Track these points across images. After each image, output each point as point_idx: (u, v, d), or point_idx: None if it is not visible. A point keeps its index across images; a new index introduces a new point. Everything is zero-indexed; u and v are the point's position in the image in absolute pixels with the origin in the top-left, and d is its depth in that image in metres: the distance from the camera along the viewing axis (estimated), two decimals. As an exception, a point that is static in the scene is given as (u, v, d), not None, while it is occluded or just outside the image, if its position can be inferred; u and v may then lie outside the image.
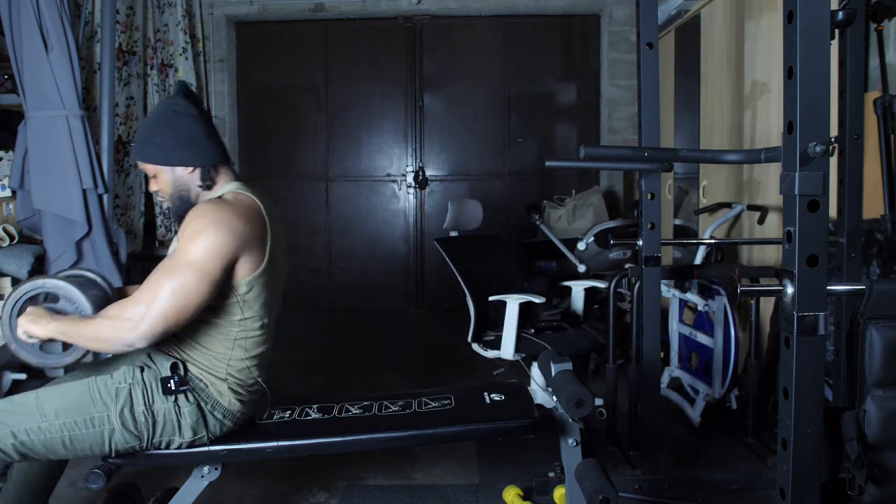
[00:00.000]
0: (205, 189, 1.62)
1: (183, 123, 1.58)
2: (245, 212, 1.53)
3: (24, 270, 2.87)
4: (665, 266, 2.35)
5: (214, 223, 1.46)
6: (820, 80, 0.92)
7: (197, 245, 1.44)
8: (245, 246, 1.50)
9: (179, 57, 4.57)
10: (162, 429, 1.54)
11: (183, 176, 1.60)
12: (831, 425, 1.22)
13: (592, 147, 2.09)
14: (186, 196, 1.61)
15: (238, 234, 1.48)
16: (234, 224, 1.48)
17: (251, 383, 1.64)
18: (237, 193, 1.59)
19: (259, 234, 1.54)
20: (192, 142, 1.58)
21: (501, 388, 1.86)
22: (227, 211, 1.49)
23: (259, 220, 1.55)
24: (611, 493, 1.44)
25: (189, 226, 1.47)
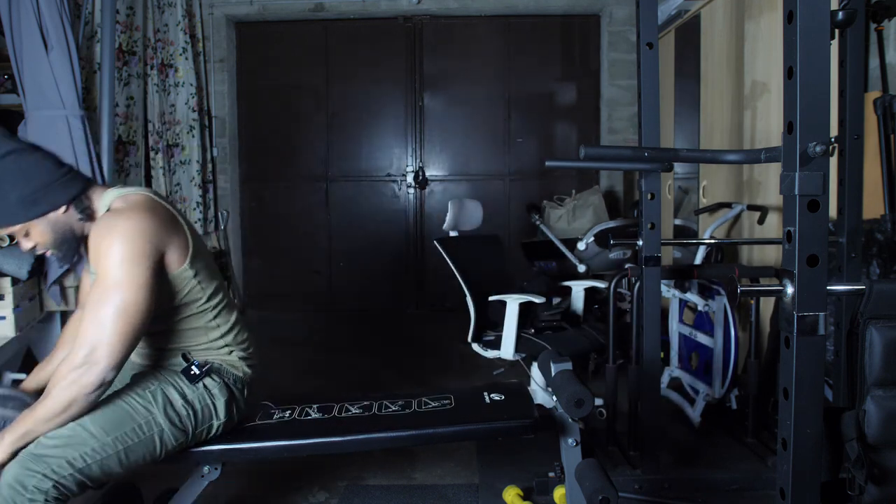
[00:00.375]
0: (87, 219, 1.52)
1: (27, 165, 1.45)
2: (142, 208, 1.46)
3: (24, 270, 2.87)
4: (665, 266, 2.35)
5: (120, 234, 1.40)
6: (820, 80, 0.92)
7: (113, 262, 1.39)
8: (162, 239, 1.46)
9: (179, 57, 4.57)
10: (202, 415, 1.58)
11: (59, 219, 1.48)
12: (831, 425, 1.22)
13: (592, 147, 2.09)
14: (72, 236, 1.51)
15: (149, 232, 1.43)
16: (140, 225, 1.42)
17: (247, 345, 1.70)
18: (123, 197, 1.51)
19: (168, 220, 1.49)
20: (49, 179, 1.46)
21: (501, 388, 1.86)
22: (125, 217, 1.43)
23: (158, 207, 1.49)
24: (611, 493, 1.44)
25: (97, 249, 1.41)
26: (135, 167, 4.29)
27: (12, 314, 2.86)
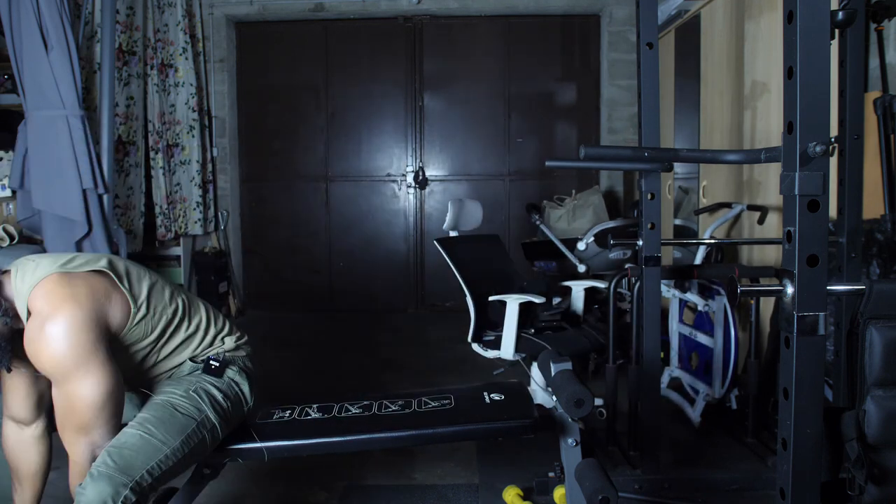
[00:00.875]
0: (11, 317, 1.42)
1: None
2: (64, 298, 1.37)
3: (24, 270, 2.87)
4: (665, 266, 2.35)
5: (50, 324, 1.34)
6: (820, 80, 0.92)
7: (57, 351, 1.34)
8: (98, 315, 1.40)
9: (179, 57, 4.58)
10: (237, 402, 1.64)
11: None
12: (831, 425, 1.22)
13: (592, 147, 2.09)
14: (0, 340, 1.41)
15: (83, 321, 1.36)
16: (72, 322, 1.35)
17: (228, 324, 1.76)
18: (37, 287, 1.39)
19: (90, 289, 1.41)
20: None
21: (501, 388, 1.86)
22: (52, 323, 1.35)
23: (76, 282, 1.40)
24: (611, 493, 1.44)
25: (44, 365, 1.37)
26: (135, 167, 4.29)
27: (12, 314, 2.85)
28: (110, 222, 3.20)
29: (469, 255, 3.04)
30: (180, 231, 4.65)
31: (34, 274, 1.41)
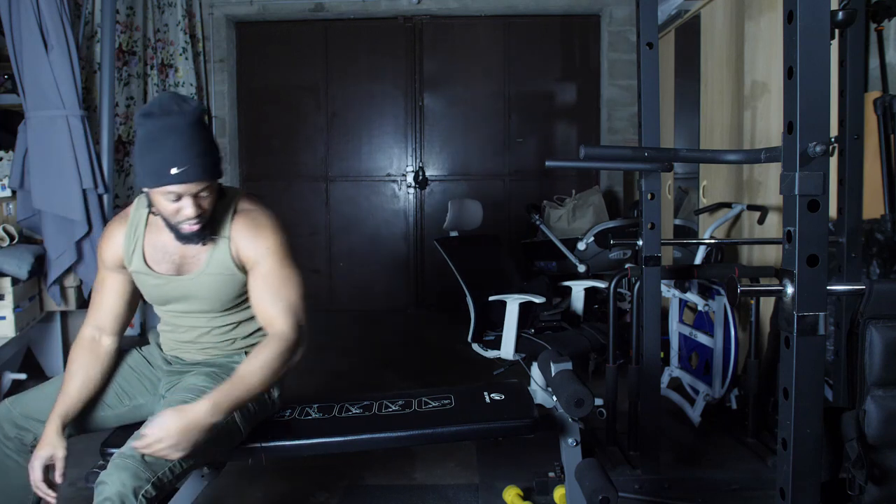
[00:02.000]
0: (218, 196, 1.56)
1: (208, 127, 1.50)
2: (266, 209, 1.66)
3: (25, 270, 2.87)
4: (665, 266, 2.35)
5: (278, 230, 1.61)
6: (820, 80, 0.92)
7: (283, 252, 1.58)
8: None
9: (179, 57, 4.58)
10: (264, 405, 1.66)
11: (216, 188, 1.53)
12: (831, 425, 1.22)
13: (592, 147, 2.10)
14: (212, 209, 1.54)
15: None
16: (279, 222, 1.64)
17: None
18: (244, 196, 1.65)
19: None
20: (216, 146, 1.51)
21: (501, 388, 1.86)
22: (269, 216, 1.62)
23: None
24: (611, 493, 1.44)
25: (261, 243, 1.56)
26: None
27: (12, 314, 2.86)
28: (110, 222, 3.20)
29: (469, 255, 3.04)
30: (180, 231, 4.64)
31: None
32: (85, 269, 3.10)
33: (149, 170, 1.42)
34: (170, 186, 1.41)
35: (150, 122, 1.41)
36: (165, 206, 1.46)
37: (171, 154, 1.40)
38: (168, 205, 1.45)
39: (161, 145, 1.40)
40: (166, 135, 1.40)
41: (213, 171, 1.46)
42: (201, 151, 1.42)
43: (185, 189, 1.43)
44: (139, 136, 1.45)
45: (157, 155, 1.40)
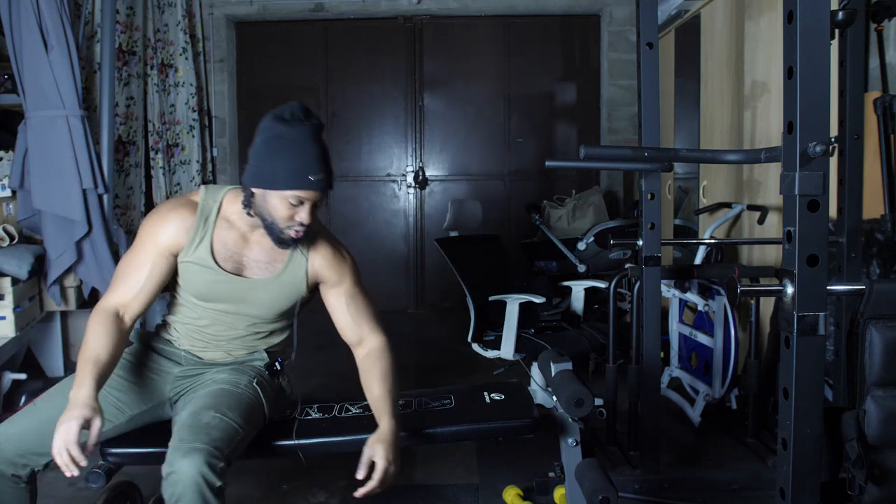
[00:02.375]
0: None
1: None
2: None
3: (25, 270, 2.87)
4: (665, 266, 2.35)
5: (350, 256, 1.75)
6: (820, 80, 0.92)
7: (358, 273, 1.72)
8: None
9: (179, 57, 4.58)
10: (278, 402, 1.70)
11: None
12: (831, 425, 1.22)
13: (592, 147, 2.10)
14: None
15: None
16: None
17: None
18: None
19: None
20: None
21: (501, 388, 1.86)
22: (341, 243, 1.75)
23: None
24: (611, 493, 1.44)
25: (345, 264, 1.68)
26: (135, 167, 4.29)
27: (12, 314, 2.86)
28: (110, 222, 3.20)
29: (469, 254, 3.04)
30: (180, 231, 4.64)
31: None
32: (85, 269, 3.10)
33: (283, 172, 1.43)
34: (300, 192, 1.44)
35: (286, 126, 1.43)
36: (280, 209, 1.46)
37: (311, 160, 1.43)
38: (285, 209, 1.46)
39: (300, 150, 1.42)
40: (305, 140, 1.43)
41: (333, 184, 1.53)
42: (330, 163, 1.49)
43: (311, 196, 1.46)
44: (268, 137, 1.45)
45: (296, 159, 1.42)
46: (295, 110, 1.45)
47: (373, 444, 1.48)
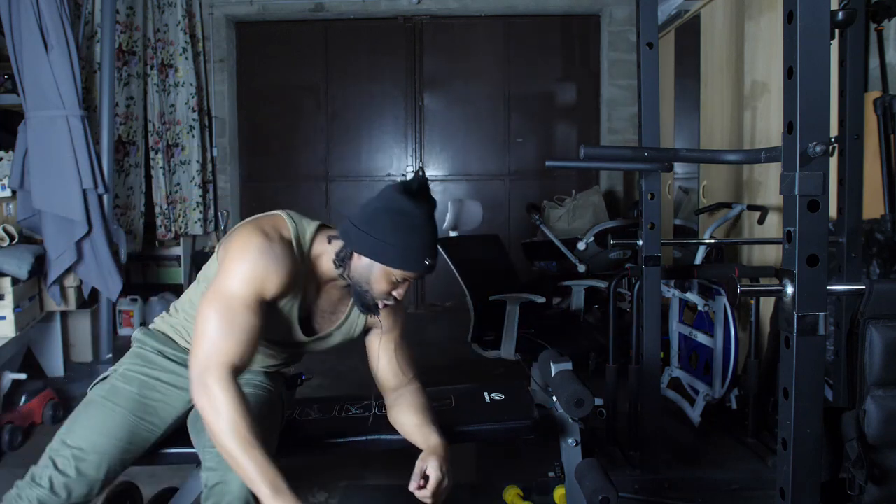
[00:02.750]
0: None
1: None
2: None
3: (24, 270, 2.87)
4: (665, 266, 2.35)
5: None
6: (820, 80, 0.92)
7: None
8: None
9: (179, 57, 4.58)
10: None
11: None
12: (831, 425, 1.21)
13: (592, 147, 2.10)
14: None
15: None
16: None
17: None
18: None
19: None
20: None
21: (501, 388, 1.86)
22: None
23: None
24: (611, 493, 1.44)
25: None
26: (135, 167, 4.29)
27: (12, 314, 2.86)
28: (110, 222, 3.20)
29: (469, 255, 3.04)
30: (180, 231, 4.65)
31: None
32: (85, 269, 3.10)
33: (401, 252, 1.37)
34: (411, 273, 1.40)
35: (413, 203, 1.37)
36: (382, 283, 1.41)
37: (429, 244, 1.39)
38: (386, 284, 1.41)
39: (421, 232, 1.38)
40: (426, 222, 1.39)
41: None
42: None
43: (415, 277, 1.43)
44: (393, 210, 1.37)
45: (415, 240, 1.37)
46: (422, 186, 1.41)
47: (426, 457, 1.48)
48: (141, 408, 1.46)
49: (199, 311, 1.33)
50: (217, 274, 1.36)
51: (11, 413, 2.67)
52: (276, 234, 1.38)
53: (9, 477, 2.41)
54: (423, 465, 1.47)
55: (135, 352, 1.55)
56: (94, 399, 1.46)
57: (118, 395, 1.46)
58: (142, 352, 1.54)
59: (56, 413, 2.89)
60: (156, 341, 1.55)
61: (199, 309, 1.33)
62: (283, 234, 1.39)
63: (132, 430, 1.44)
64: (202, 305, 1.33)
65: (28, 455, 2.57)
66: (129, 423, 1.44)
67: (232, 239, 1.37)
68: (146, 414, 1.47)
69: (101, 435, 1.41)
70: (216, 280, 1.34)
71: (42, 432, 2.80)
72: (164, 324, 1.60)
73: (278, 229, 1.39)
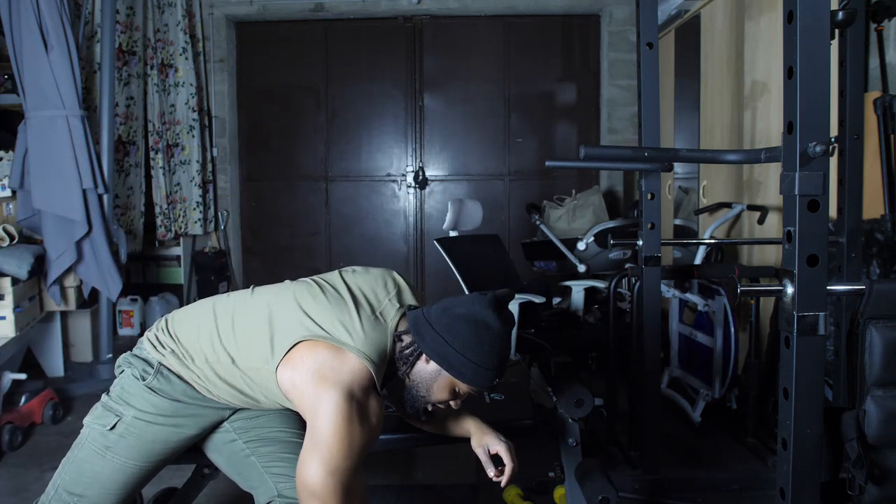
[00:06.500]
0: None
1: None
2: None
3: (24, 270, 2.87)
4: (665, 266, 2.35)
5: None
6: (820, 80, 0.92)
7: None
8: None
9: (179, 57, 4.58)
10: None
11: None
12: (831, 425, 1.21)
13: (592, 147, 2.10)
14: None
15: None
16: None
17: None
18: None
19: None
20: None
21: (501, 388, 1.86)
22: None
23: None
24: (611, 493, 1.44)
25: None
26: (135, 167, 4.29)
27: (12, 314, 2.86)
28: (110, 222, 3.21)
29: (469, 255, 3.04)
30: (180, 231, 4.65)
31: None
32: (85, 269, 3.10)
33: (476, 369, 1.32)
34: (476, 388, 1.36)
35: (499, 321, 1.32)
36: (444, 393, 1.37)
37: (502, 364, 1.35)
38: (448, 394, 1.38)
39: (499, 353, 1.33)
40: (504, 343, 1.34)
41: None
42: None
43: (476, 392, 1.38)
44: (479, 324, 1.32)
45: (492, 360, 1.32)
46: (508, 306, 1.37)
47: (479, 440, 1.49)
48: (158, 455, 1.41)
49: (310, 485, 1.25)
50: (314, 443, 1.26)
51: (11, 413, 2.67)
52: (363, 390, 1.29)
53: (9, 477, 2.42)
54: (484, 447, 1.48)
55: (143, 395, 1.38)
56: (103, 452, 1.37)
57: (132, 450, 1.37)
58: (155, 398, 1.38)
59: (56, 413, 2.89)
60: (172, 388, 1.39)
61: (309, 483, 1.25)
62: (366, 387, 1.30)
63: (148, 476, 1.42)
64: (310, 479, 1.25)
65: (28, 455, 2.58)
66: (145, 472, 1.41)
67: (322, 403, 1.25)
68: (163, 457, 1.42)
69: (115, 493, 1.38)
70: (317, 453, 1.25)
71: (42, 432, 2.80)
72: (178, 365, 1.40)
73: (363, 385, 1.29)
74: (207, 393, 1.41)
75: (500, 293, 1.36)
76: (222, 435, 1.50)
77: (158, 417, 1.37)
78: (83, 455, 1.38)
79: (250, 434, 1.49)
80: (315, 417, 1.26)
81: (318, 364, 1.27)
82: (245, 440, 1.49)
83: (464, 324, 1.31)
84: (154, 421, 1.37)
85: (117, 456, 1.36)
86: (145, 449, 1.37)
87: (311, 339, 1.30)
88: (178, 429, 1.40)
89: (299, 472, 1.27)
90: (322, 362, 1.28)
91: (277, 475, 1.45)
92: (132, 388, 1.38)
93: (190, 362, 1.39)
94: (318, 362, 1.28)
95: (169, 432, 1.39)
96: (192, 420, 1.42)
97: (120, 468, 1.36)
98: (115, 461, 1.36)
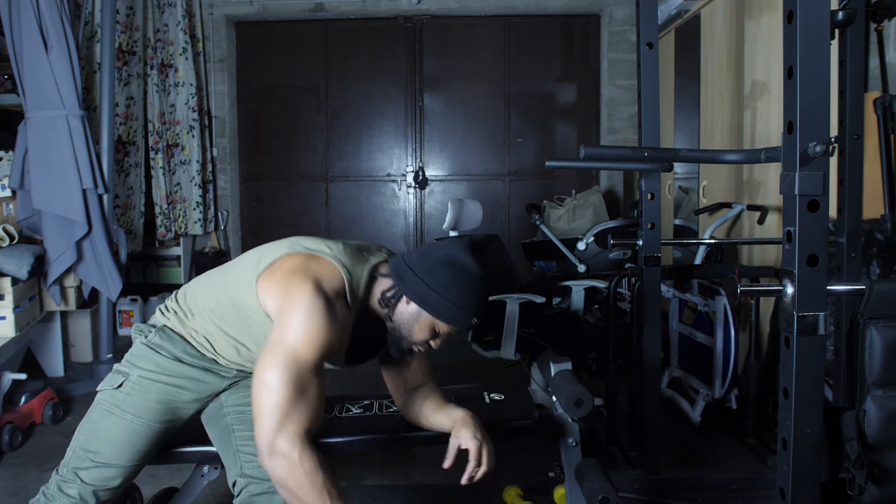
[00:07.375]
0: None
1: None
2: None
3: (24, 270, 2.87)
4: (665, 266, 2.35)
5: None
6: (820, 80, 0.92)
7: None
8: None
9: (179, 57, 4.58)
10: None
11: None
12: (831, 425, 1.22)
13: (592, 147, 2.09)
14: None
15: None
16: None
17: None
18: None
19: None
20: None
21: (501, 388, 1.86)
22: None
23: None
24: (611, 493, 1.44)
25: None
26: (135, 167, 4.29)
27: (12, 314, 2.86)
28: (110, 222, 3.21)
29: (469, 255, 3.03)
30: (180, 231, 4.65)
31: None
32: (85, 268, 3.10)
33: (454, 308, 1.36)
34: (455, 328, 1.40)
35: (476, 262, 1.37)
36: (424, 332, 1.40)
37: (481, 305, 1.39)
38: (428, 334, 1.41)
39: (476, 292, 1.37)
40: (483, 283, 1.38)
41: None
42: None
43: (457, 332, 1.42)
44: (456, 265, 1.36)
45: (470, 300, 1.36)
46: (488, 247, 1.42)
47: (456, 431, 1.47)
48: (161, 415, 1.45)
49: (263, 376, 1.25)
50: (277, 334, 1.28)
51: (11, 413, 2.67)
52: (334, 291, 1.33)
53: (9, 477, 2.42)
54: (457, 441, 1.47)
55: (147, 355, 1.46)
56: (112, 409, 1.43)
57: (137, 407, 1.42)
58: (157, 357, 1.45)
59: (56, 413, 2.89)
60: (173, 346, 1.46)
61: (263, 373, 1.25)
62: (337, 289, 1.34)
63: (154, 437, 1.45)
64: (266, 370, 1.25)
65: (28, 455, 2.58)
66: (152, 431, 1.44)
67: (291, 295, 1.29)
68: (166, 418, 1.46)
69: (125, 450, 1.43)
70: (278, 343, 1.27)
71: (42, 432, 2.80)
72: (179, 325, 1.48)
73: (333, 286, 1.33)
74: (206, 350, 1.47)
75: (478, 237, 1.41)
76: (217, 409, 1.55)
77: (161, 376, 1.45)
78: (95, 415, 1.46)
79: (238, 410, 1.53)
80: (282, 308, 1.30)
81: (293, 265, 1.34)
82: (233, 416, 1.52)
83: (441, 266, 1.37)
84: (157, 379, 1.44)
85: (125, 413, 1.42)
86: (149, 407, 1.43)
87: (292, 253, 1.38)
88: (179, 390, 1.46)
89: (257, 364, 1.28)
90: (297, 264, 1.34)
91: (246, 454, 1.46)
92: (137, 351, 1.48)
93: (190, 318, 1.48)
94: (294, 264, 1.34)
95: (170, 392, 1.45)
96: (192, 383, 1.47)
97: (128, 425, 1.42)
98: (123, 418, 1.42)
